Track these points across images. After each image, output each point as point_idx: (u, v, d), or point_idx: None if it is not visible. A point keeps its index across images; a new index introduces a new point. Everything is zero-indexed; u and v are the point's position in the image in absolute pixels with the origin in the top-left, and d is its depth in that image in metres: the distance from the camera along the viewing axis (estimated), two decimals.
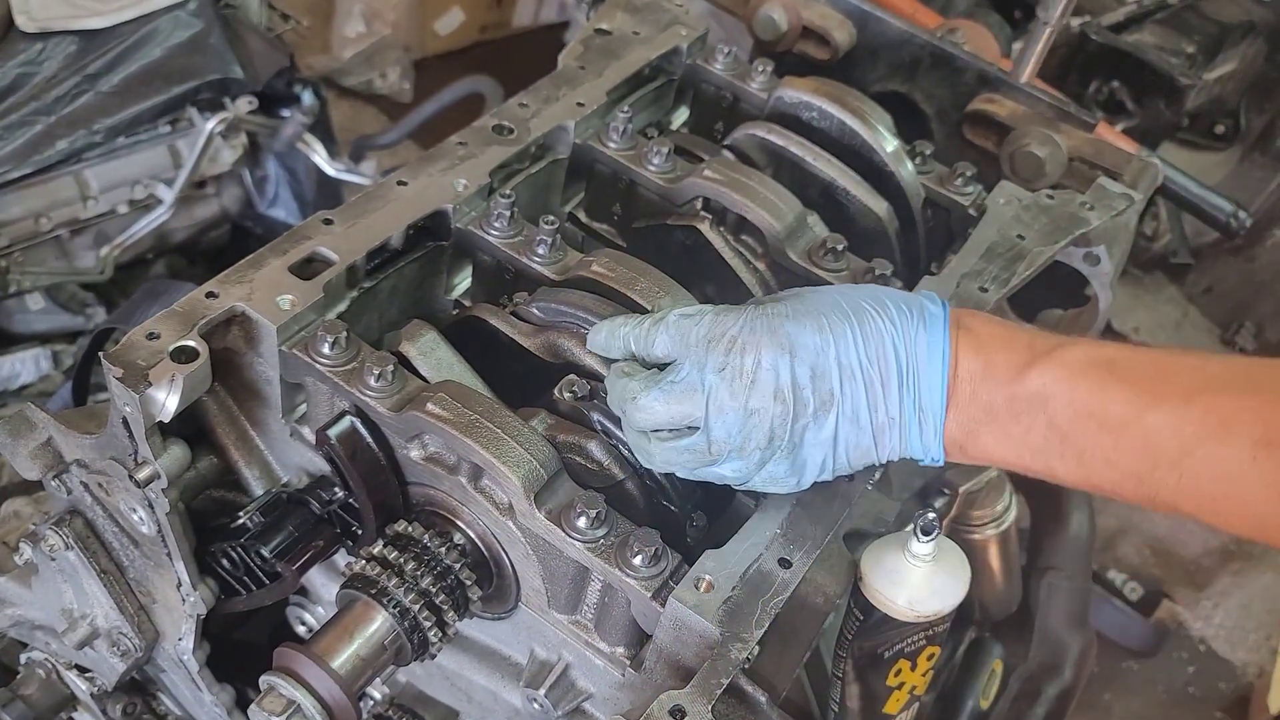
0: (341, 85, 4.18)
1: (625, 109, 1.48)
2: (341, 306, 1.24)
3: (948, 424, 1.01)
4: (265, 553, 1.18)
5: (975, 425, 1.01)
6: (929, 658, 1.22)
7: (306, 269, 1.21)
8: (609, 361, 1.15)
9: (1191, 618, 3.18)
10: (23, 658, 1.53)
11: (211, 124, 2.66)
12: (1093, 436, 0.97)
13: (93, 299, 2.91)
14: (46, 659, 1.49)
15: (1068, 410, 0.97)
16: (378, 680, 1.16)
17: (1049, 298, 1.70)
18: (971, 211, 1.51)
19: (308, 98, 2.86)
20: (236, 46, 2.69)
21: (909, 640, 1.18)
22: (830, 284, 1.36)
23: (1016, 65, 1.61)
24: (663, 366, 1.07)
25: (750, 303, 1.10)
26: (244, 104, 2.71)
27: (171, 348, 1.08)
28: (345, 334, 1.14)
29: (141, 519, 1.23)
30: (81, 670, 1.47)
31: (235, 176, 2.94)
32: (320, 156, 2.93)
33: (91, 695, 1.48)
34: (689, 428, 1.04)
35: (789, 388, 1.00)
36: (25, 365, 2.82)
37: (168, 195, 2.72)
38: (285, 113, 2.86)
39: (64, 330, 2.89)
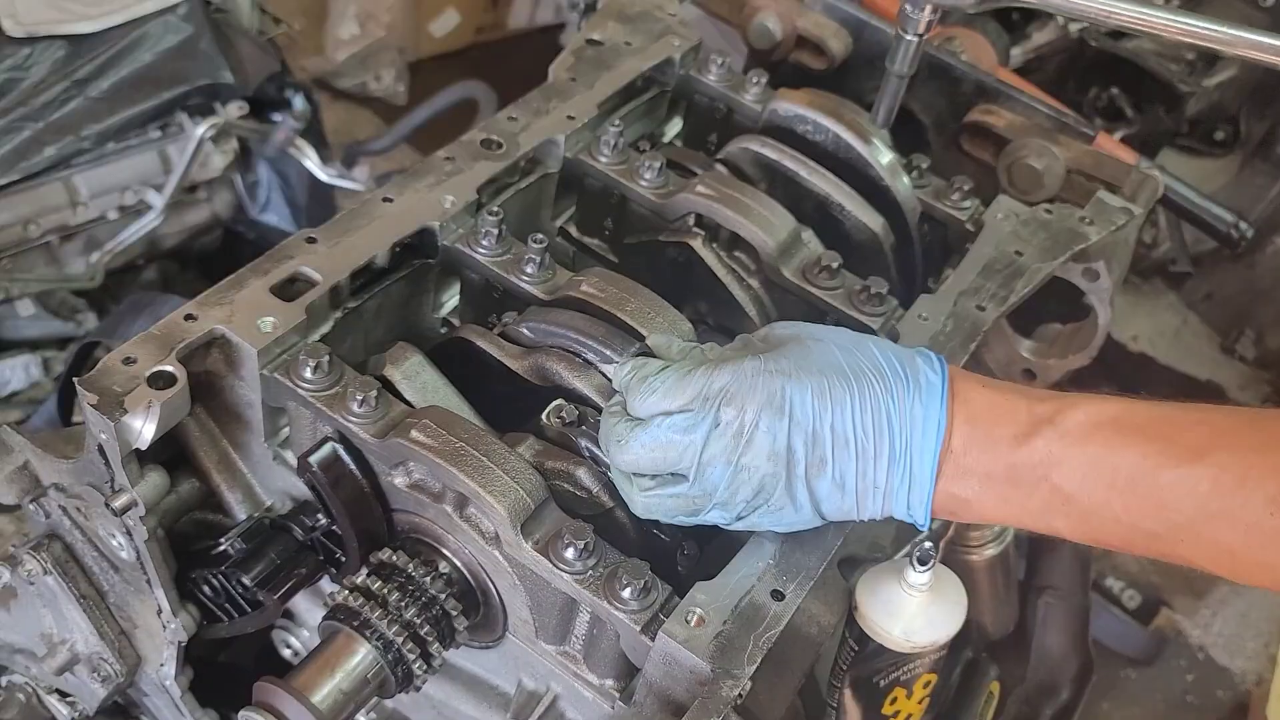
0: (335, 87, 4.14)
1: (616, 122, 1.46)
2: (325, 328, 1.21)
3: (937, 493, 1.00)
4: (246, 581, 1.15)
5: (969, 494, 1.00)
6: (925, 685, 1.20)
7: (289, 290, 1.18)
8: (606, 394, 1.13)
9: (1190, 626, 3.16)
10: (3, 681, 1.50)
11: (202, 129, 2.63)
12: (1101, 497, 0.95)
13: (83, 305, 2.88)
14: (27, 683, 1.46)
15: (1074, 475, 0.96)
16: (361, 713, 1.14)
17: (1048, 311, 1.68)
18: (969, 226, 1.48)
19: (299, 102, 2.83)
20: (227, 51, 2.66)
21: (905, 669, 1.16)
22: (825, 302, 1.33)
23: (874, 113, 1.53)
24: None
25: (742, 347, 1.06)
26: (234, 109, 2.68)
27: (148, 373, 1.06)
28: (328, 358, 1.11)
29: (120, 545, 1.20)
30: (62, 695, 1.44)
31: (226, 182, 2.91)
32: (312, 161, 2.90)
33: None
34: (673, 475, 1.01)
35: (784, 450, 0.98)
36: (15, 372, 2.79)
37: (158, 201, 2.69)
38: (276, 118, 2.83)
39: (55, 336, 2.86)
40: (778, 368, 0.99)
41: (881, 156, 1.48)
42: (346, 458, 1.12)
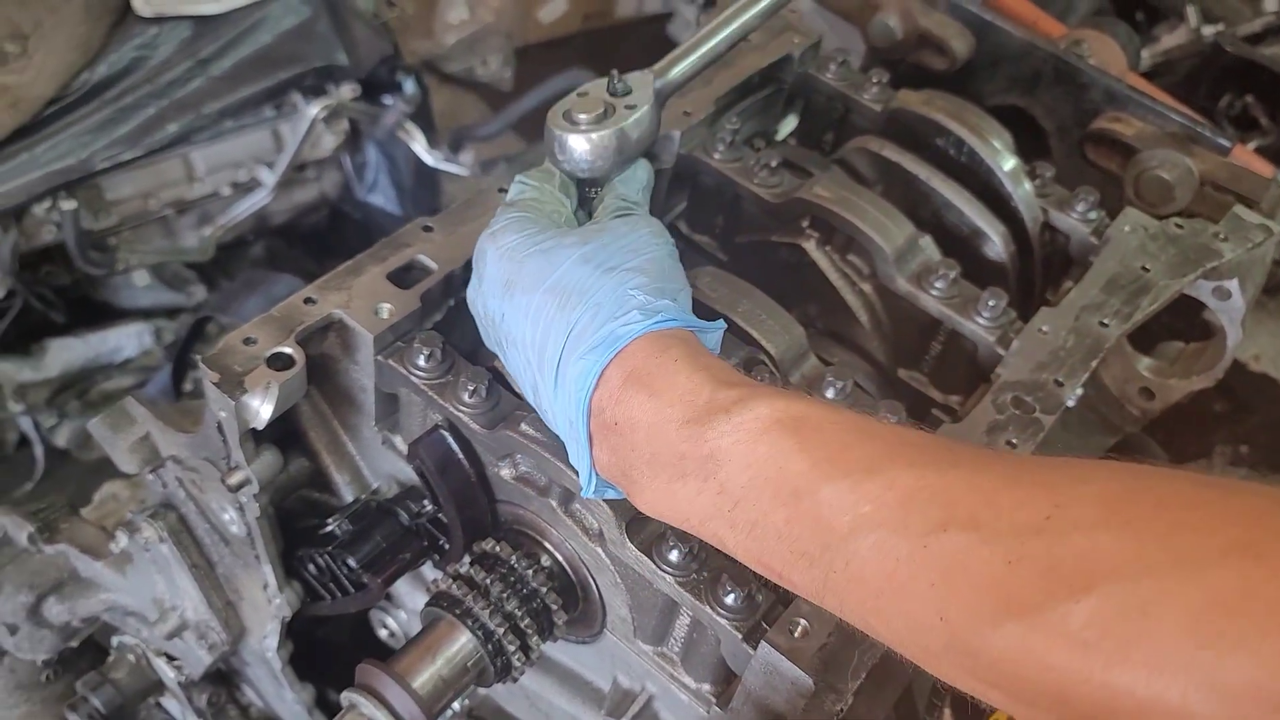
0: (443, 72, 4.19)
1: (734, 119, 1.44)
2: (438, 316, 1.22)
3: (599, 460, 0.93)
4: (352, 562, 1.17)
5: (636, 474, 0.90)
6: None
7: (405, 277, 1.19)
8: None
9: None
10: (115, 641, 1.56)
11: (315, 109, 2.69)
12: (765, 507, 0.82)
13: (194, 277, 2.98)
14: (137, 644, 1.52)
15: (742, 476, 0.83)
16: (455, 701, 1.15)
17: (1169, 328, 1.61)
18: (1093, 239, 1.43)
19: (409, 86, 2.87)
20: (342, 33, 2.70)
21: None
22: (940, 311, 1.30)
23: None
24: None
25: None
26: (347, 90, 2.73)
27: (268, 354, 1.08)
28: (441, 346, 1.12)
29: (232, 519, 1.23)
30: (170, 658, 1.49)
31: (335, 162, 2.98)
32: (420, 145, 2.95)
33: (179, 684, 1.50)
34: None
35: (481, 311, 1.05)
36: (129, 339, 2.90)
37: (269, 179, 2.76)
38: (387, 100, 2.88)
39: (166, 306, 2.96)
40: (515, 244, 1.01)
41: (1004, 162, 1.44)
42: (455, 447, 1.13)
